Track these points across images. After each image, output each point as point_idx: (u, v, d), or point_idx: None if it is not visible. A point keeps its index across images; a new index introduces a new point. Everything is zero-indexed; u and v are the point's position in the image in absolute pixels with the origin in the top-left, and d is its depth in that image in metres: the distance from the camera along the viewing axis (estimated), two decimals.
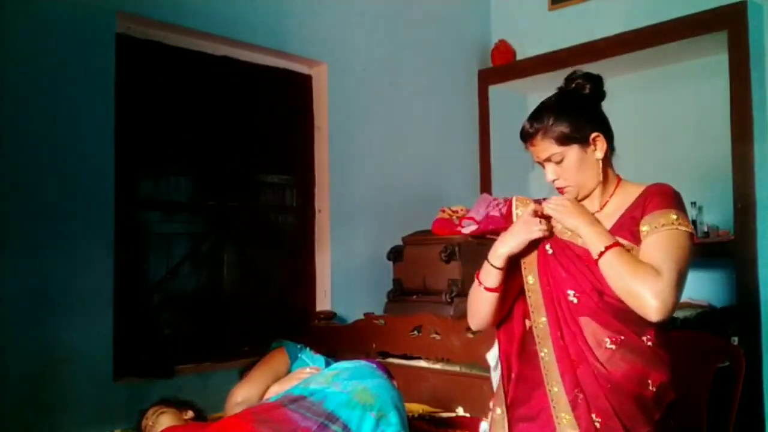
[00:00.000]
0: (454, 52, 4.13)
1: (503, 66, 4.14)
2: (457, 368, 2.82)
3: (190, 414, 2.43)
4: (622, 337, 1.60)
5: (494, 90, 4.19)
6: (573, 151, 1.65)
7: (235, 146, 3.26)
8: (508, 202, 1.85)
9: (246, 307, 3.24)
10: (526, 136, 1.70)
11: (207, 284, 3.15)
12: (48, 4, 2.58)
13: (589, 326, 1.62)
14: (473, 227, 3.20)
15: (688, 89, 3.66)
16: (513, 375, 1.71)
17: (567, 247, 1.68)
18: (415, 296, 3.30)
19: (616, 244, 1.59)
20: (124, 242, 2.80)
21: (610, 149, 1.69)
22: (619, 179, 1.73)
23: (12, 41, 2.49)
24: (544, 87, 1.81)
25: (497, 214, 3.16)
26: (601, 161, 1.67)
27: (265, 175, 3.39)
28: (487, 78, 4.20)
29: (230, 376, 2.70)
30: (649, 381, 1.60)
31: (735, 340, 3.04)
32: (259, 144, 3.34)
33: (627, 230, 1.64)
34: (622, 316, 1.60)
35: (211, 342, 3.10)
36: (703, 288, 3.48)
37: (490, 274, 1.72)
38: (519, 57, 4.13)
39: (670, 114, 3.74)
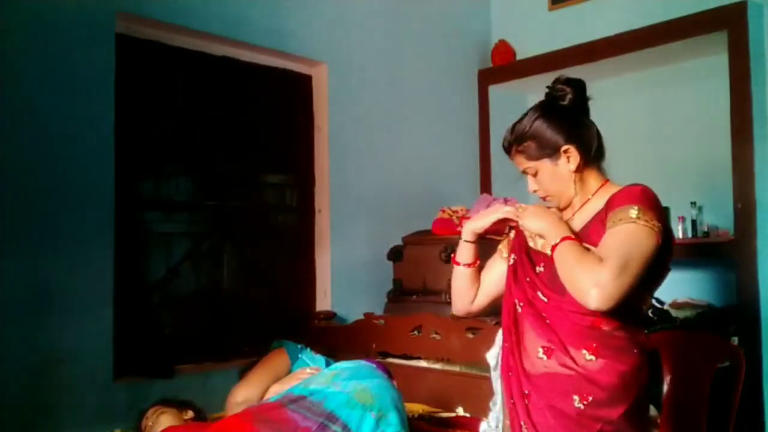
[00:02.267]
0: (454, 52, 4.13)
1: (503, 66, 4.14)
2: (457, 368, 2.82)
3: (190, 414, 2.44)
4: (553, 348, 1.59)
5: (494, 90, 4.18)
6: (544, 165, 1.67)
7: (235, 146, 3.26)
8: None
9: (246, 307, 3.24)
10: (505, 150, 1.76)
11: (207, 284, 3.15)
12: (48, 4, 2.58)
13: (529, 334, 1.64)
14: None
15: (688, 89, 3.65)
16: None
17: (525, 256, 1.70)
18: (415, 296, 3.30)
19: (570, 237, 1.56)
20: (124, 242, 2.80)
21: (591, 156, 1.67)
22: (605, 182, 1.70)
23: (12, 41, 2.49)
24: (544, 87, 1.81)
25: None
26: (575, 171, 1.66)
27: (265, 175, 3.38)
28: (487, 78, 4.19)
29: (230, 376, 2.70)
30: (576, 397, 1.54)
31: (735, 340, 3.04)
32: (259, 144, 3.34)
33: (593, 232, 1.60)
34: (560, 328, 1.59)
35: (211, 342, 3.10)
36: (703, 288, 3.48)
37: (461, 249, 1.84)
38: (519, 57, 4.13)
39: (670, 114, 3.73)
